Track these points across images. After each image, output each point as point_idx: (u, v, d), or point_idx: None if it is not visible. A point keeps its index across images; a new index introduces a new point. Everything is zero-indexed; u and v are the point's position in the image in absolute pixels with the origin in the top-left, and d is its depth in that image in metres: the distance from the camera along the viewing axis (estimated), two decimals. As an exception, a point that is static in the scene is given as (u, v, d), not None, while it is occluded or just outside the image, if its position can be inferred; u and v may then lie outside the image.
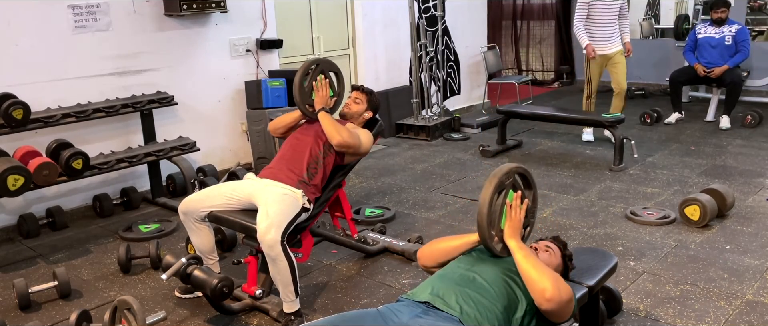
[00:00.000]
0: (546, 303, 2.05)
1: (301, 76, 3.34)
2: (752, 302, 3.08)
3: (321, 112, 3.34)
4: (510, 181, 2.24)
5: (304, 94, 3.37)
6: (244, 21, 5.44)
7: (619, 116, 5.40)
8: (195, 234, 3.22)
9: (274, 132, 3.55)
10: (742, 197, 4.53)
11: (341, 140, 3.26)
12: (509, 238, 2.22)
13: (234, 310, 3.07)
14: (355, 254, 3.79)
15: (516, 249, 2.19)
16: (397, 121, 6.86)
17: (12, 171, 3.61)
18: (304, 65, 3.39)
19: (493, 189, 2.18)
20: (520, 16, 10.10)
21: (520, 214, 2.24)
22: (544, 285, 2.05)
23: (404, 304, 2.11)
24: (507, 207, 2.23)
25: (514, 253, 2.18)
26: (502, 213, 2.23)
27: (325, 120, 3.31)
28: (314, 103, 3.38)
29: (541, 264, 2.15)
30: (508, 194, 2.24)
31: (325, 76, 3.41)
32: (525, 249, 2.20)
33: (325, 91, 3.37)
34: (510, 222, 2.23)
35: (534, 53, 10.22)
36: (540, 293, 2.05)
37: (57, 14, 4.37)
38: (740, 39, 6.54)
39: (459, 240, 2.38)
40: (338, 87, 3.53)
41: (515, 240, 2.21)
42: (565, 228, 4.11)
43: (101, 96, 4.62)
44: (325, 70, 3.43)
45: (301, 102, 3.37)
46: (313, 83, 3.37)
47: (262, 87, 5.21)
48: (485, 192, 2.18)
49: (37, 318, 3.17)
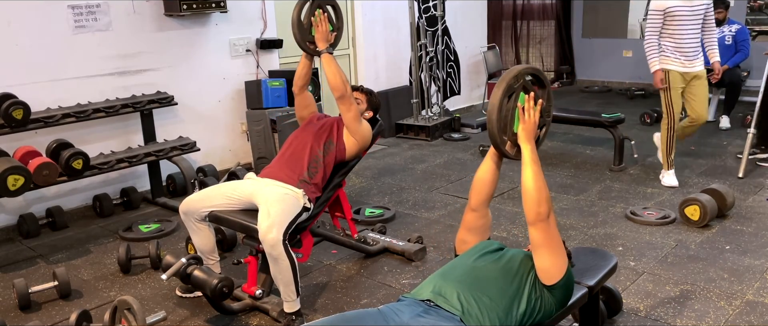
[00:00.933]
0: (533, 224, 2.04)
1: (298, 11, 3.22)
2: (752, 302, 3.08)
3: (325, 54, 3.25)
4: (520, 84, 2.16)
5: (304, 30, 3.26)
6: (244, 21, 5.44)
7: (619, 116, 5.40)
8: (196, 234, 3.22)
9: (295, 87, 3.46)
10: (742, 197, 4.53)
11: (344, 90, 3.19)
12: (524, 143, 2.16)
13: (234, 310, 3.07)
14: (355, 254, 3.79)
15: (528, 160, 2.12)
16: (397, 121, 6.86)
17: (12, 171, 3.61)
18: (299, 2, 3.24)
19: (501, 94, 2.10)
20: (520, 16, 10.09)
21: (535, 116, 2.16)
22: (541, 208, 2.03)
23: (405, 303, 2.11)
24: (519, 110, 2.16)
25: (524, 163, 2.12)
26: (514, 117, 2.15)
27: (329, 65, 3.22)
28: (316, 40, 3.28)
29: (545, 187, 2.10)
30: (520, 97, 2.16)
31: (322, 10, 3.29)
32: (537, 162, 2.13)
33: (324, 25, 3.27)
34: (523, 125, 2.16)
35: (534, 53, 10.22)
36: (534, 206, 2.03)
37: (57, 14, 4.37)
38: (740, 39, 6.55)
39: (483, 164, 2.32)
40: (337, 20, 3.40)
41: (530, 146, 2.15)
42: (565, 228, 4.11)
43: (101, 96, 4.62)
44: (322, 4, 3.30)
45: (302, 39, 3.27)
46: (311, 19, 3.26)
47: (262, 87, 5.20)
48: (494, 97, 2.11)
49: (37, 318, 3.16)
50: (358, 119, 3.33)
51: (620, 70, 9.38)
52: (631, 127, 6.68)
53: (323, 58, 3.27)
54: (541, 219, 2.05)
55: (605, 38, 9.52)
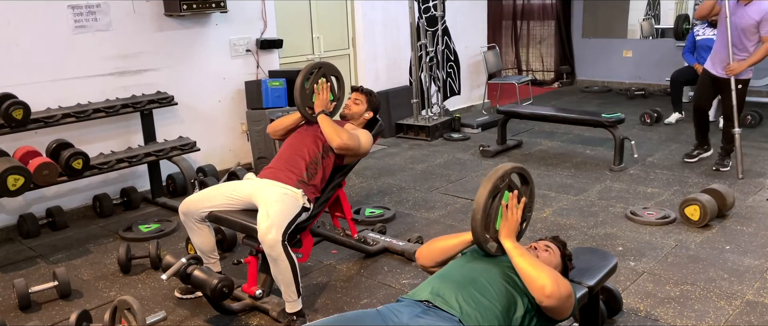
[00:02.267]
0: (546, 300, 2.05)
1: (302, 78, 3.36)
2: (752, 302, 3.08)
3: (321, 114, 3.35)
4: (505, 184, 2.23)
5: (305, 96, 3.39)
6: (244, 21, 5.44)
7: (619, 116, 5.40)
8: (195, 234, 3.22)
9: (273, 134, 3.56)
10: (742, 197, 4.53)
11: (341, 143, 3.27)
12: (505, 239, 2.22)
13: (234, 310, 3.07)
14: (355, 254, 3.79)
15: (512, 250, 2.19)
16: (397, 121, 6.86)
17: (12, 171, 3.61)
18: (306, 68, 3.41)
19: (487, 194, 2.17)
20: (520, 16, 10.11)
21: (517, 215, 2.24)
22: (543, 281, 2.06)
23: (404, 304, 2.11)
24: (503, 208, 2.22)
25: (511, 254, 2.18)
26: (497, 215, 2.23)
27: (325, 123, 3.32)
28: (314, 106, 3.40)
29: (538, 261, 2.15)
30: (504, 195, 2.23)
31: (326, 80, 3.44)
32: (520, 248, 2.20)
33: (325, 94, 3.40)
34: (506, 223, 2.23)
35: (534, 53, 10.23)
36: (539, 290, 2.06)
37: (57, 14, 4.37)
38: None
39: (455, 239, 2.38)
40: (338, 91, 3.55)
41: (511, 241, 2.21)
42: (565, 228, 4.11)
43: (101, 96, 4.62)
44: (326, 73, 3.46)
45: (302, 104, 3.38)
46: (314, 86, 3.40)
47: (262, 87, 5.21)
48: (479, 197, 2.18)
49: (37, 318, 3.16)
50: (359, 149, 3.38)
51: (620, 70, 9.39)
52: (631, 127, 6.69)
53: (319, 118, 3.36)
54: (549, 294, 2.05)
55: (605, 38, 9.53)
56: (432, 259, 2.41)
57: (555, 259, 2.40)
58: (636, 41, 9.50)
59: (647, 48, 9.25)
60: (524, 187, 2.32)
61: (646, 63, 9.09)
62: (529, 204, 2.33)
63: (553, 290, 2.05)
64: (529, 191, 2.33)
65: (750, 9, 4.74)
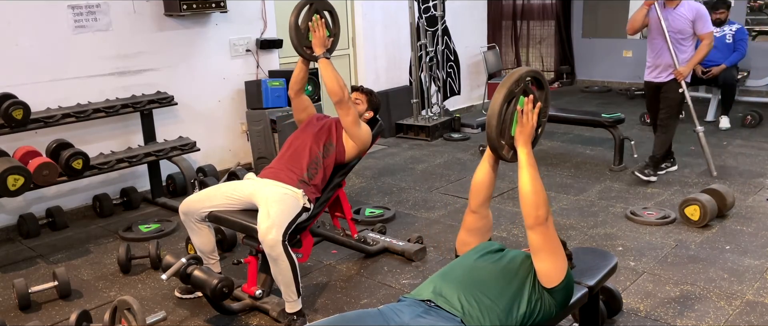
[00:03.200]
0: (532, 228, 2.04)
1: (295, 16, 3.23)
2: (752, 302, 3.08)
3: (321, 58, 3.26)
4: (520, 88, 2.15)
5: (301, 35, 3.27)
6: (244, 21, 5.44)
7: (619, 116, 5.40)
8: (195, 234, 3.22)
9: (291, 91, 3.47)
10: (742, 197, 4.53)
11: (342, 95, 3.19)
12: (520, 147, 2.16)
13: (234, 310, 3.07)
14: (355, 254, 3.79)
15: (524, 163, 2.12)
16: (397, 121, 6.86)
17: (12, 171, 3.61)
18: (297, 5, 3.26)
19: (502, 98, 2.11)
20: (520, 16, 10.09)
21: (533, 120, 2.17)
22: (539, 211, 2.04)
23: (405, 304, 2.11)
24: (518, 113, 2.15)
25: (521, 167, 2.13)
26: (513, 121, 2.16)
27: (326, 69, 3.23)
28: (312, 45, 3.29)
29: (542, 191, 2.09)
30: (519, 100, 2.16)
31: (320, 16, 3.31)
32: (534, 166, 2.13)
33: (321, 31, 3.28)
34: (521, 128, 2.16)
35: (534, 53, 10.22)
36: (533, 210, 2.04)
37: (57, 14, 4.37)
38: (737, 38, 6.59)
39: (480, 167, 2.33)
40: (334, 26, 3.41)
41: (526, 150, 2.15)
42: (565, 228, 4.11)
43: (101, 96, 4.62)
44: (319, 9, 3.32)
45: (299, 44, 3.27)
46: (309, 24, 3.27)
47: (262, 87, 5.20)
48: (494, 102, 2.12)
49: (37, 318, 3.16)
50: (356, 123, 3.32)
51: (620, 70, 9.38)
52: (631, 127, 6.68)
53: (320, 62, 3.27)
54: (539, 223, 2.04)
55: (605, 38, 9.52)
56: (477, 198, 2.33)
57: None
58: (636, 41, 9.48)
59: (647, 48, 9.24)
60: (540, 93, 2.25)
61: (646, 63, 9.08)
62: (544, 109, 2.27)
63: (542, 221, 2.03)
64: (544, 96, 2.25)
65: (680, 10, 4.77)
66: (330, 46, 3.35)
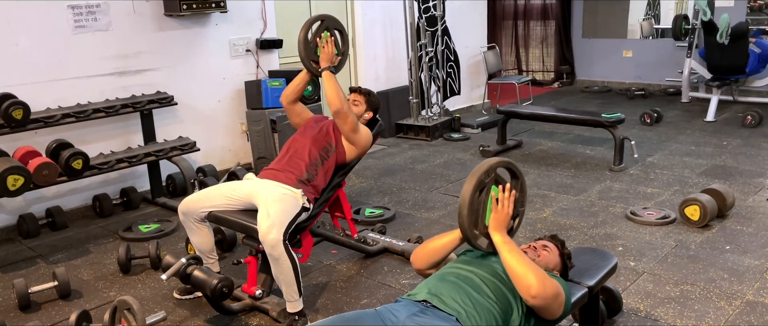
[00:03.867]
0: (532, 300, 2.03)
1: (306, 30, 3.26)
2: (752, 302, 3.08)
3: (326, 71, 3.28)
4: (491, 178, 2.18)
5: (309, 49, 3.30)
6: (244, 21, 5.44)
7: (619, 116, 5.40)
8: (195, 234, 3.21)
9: (285, 100, 3.49)
10: (742, 197, 4.53)
11: (341, 107, 3.20)
12: (494, 232, 2.18)
13: (234, 310, 3.07)
14: (355, 254, 3.79)
15: (501, 244, 2.14)
16: (397, 121, 6.86)
17: (12, 171, 3.61)
18: (308, 21, 3.30)
19: (472, 189, 2.12)
20: (520, 16, 10.10)
21: (508, 207, 2.19)
22: (529, 281, 2.03)
23: (402, 304, 2.11)
24: (492, 201, 2.18)
25: (499, 248, 2.14)
26: (486, 210, 2.18)
27: (329, 82, 3.24)
28: (319, 60, 3.31)
29: (526, 259, 2.11)
30: (493, 189, 2.18)
31: (330, 34, 3.34)
32: (510, 243, 2.15)
33: (330, 47, 3.30)
34: (495, 216, 2.18)
35: (534, 53, 10.22)
36: (526, 289, 2.03)
37: (57, 14, 4.37)
38: None
39: (446, 237, 2.33)
40: (343, 45, 3.44)
41: (500, 235, 2.17)
42: (565, 228, 4.11)
43: (101, 96, 4.62)
44: (330, 27, 3.35)
45: (306, 57, 3.29)
46: (317, 40, 3.30)
47: (262, 87, 5.20)
48: (464, 192, 2.13)
49: (37, 318, 3.16)
50: (355, 130, 3.33)
51: (620, 70, 9.38)
52: (631, 127, 6.68)
53: (324, 75, 3.29)
54: (536, 293, 2.02)
55: (605, 38, 9.52)
56: (426, 261, 2.37)
57: (554, 258, 2.39)
58: (636, 41, 9.50)
59: (647, 48, 9.25)
60: (514, 181, 2.26)
61: (646, 63, 9.09)
62: (520, 199, 2.27)
63: (539, 290, 2.02)
64: (519, 185, 2.27)
65: None
66: (337, 63, 3.38)
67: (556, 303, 2.09)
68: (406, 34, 6.58)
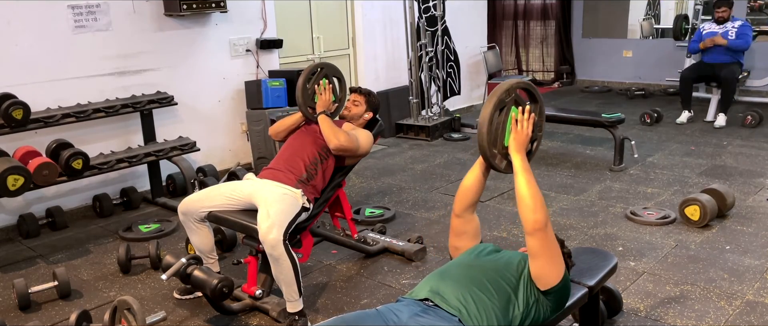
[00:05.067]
0: (531, 233, 2.02)
1: (305, 78, 3.39)
2: (752, 302, 3.08)
3: (321, 115, 3.36)
4: (511, 98, 2.14)
5: (307, 96, 3.42)
6: (244, 21, 5.44)
7: (619, 116, 5.40)
8: (194, 234, 3.21)
9: (275, 135, 3.58)
10: (742, 197, 4.53)
11: (338, 144, 3.28)
12: (515, 153, 2.14)
13: (234, 310, 3.07)
14: (355, 254, 3.79)
15: (519, 169, 2.10)
16: (397, 121, 6.86)
17: (12, 171, 3.61)
18: (308, 68, 3.44)
19: (492, 108, 2.09)
20: (520, 16, 10.10)
21: (527, 128, 2.16)
22: (537, 215, 2.01)
23: (403, 304, 2.11)
24: (511, 122, 2.14)
25: (517, 170, 2.11)
26: (505, 131, 2.15)
27: (325, 123, 3.33)
28: (316, 107, 3.41)
29: (539, 194, 2.07)
30: (512, 110, 2.15)
31: (328, 81, 3.45)
32: (529, 171, 2.11)
33: (327, 95, 3.42)
34: (515, 136, 2.14)
35: (534, 53, 10.22)
36: (531, 222, 2.01)
37: (57, 14, 4.37)
38: (741, 32, 6.58)
39: (471, 172, 2.29)
40: (340, 92, 3.58)
41: (520, 156, 2.13)
42: (565, 228, 4.11)
43: (101, 96, 4.62)
44: (328, 74, 3.49)
45: (303, 103, 3.41)
46: (315, 86, 3.42)
47: (262, 87, 5.21)
48: (485, 111, 2.09)
49: (37, 318, 3.16)
50: (358, 149, 3.39)
51: (620, 70, 9.39)
52: (631, 127, 6.68)
53: (319, 118, 3.36)
54: (538, 228, 2.02)
55: (605, 38, 9.52)
56: (462, 203, 2.31)
57: None
58: (636, 41, 9.50)
59: (647, 48, 9.25)
60: (533, 105, 2.22)
61: (646, 63, 9.09)
62: (538, 123, 2.25)
63: (541, 232, 2.01)
64: (538, 109, 2.23)
65: None
66: (333, 110, 3.49)
67: (553, 260, 2.07)
68: (406, 34, 6.59)
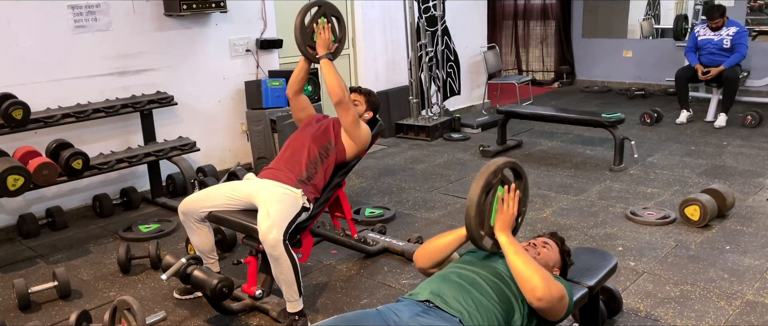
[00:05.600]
0: (537, 302, 2.04)
1: (302, 16, 3.25)
2: (752, 302, 3.08)
3: (324, 59, 3.26)
4: (498, 179, 2.20)
5: (306, 34, 3.28)
6: (244, 21, 5.44)
7: (619, 116, 5.40)
8: (194, 234, 3.21)
9: (290, 90, 3.47)
10: (742, 197, 4.53)
11: (343, 96, 3.19)
12: (500, 233, 2.19)
13: (234, 310, 3.07)
14: (355, 254, 3.79)
15: (507, 245, 2.15)
16: (397, 121, 6.86)
17: (12, 171, 3.61)
18: (305, 6, 3.28)
19: (480, 190, 2.14)
20: (520, 16, 10.11)
21: (513, 208, 2.22)
22: (535, 283, 2.04)
23: (404, 304, 2.11)
24: (498, 202, 2.20)
25: (505, 249, 2.15)
26: (492, 211, 2.21)
27: (328, 69, 3.23)
28: (316, 46, 3.30)
29: (532, 261, 2.11)
30: (499, 189, 2.21)
31: (327, 20, 3.32)
32: (516, 244, 2.16)
33: (327, 33, 3.29)
34: (501, 216, 2.20)
35: (534, 53, 10.23)
36: (531, 291, 2.04)
37: (57, 14, 4.37)
38: (736, 41, 6.58)
39: (450, 235, 2.34)
40: (340, 31, 3.43)
41: (506, 235, 2.18)
42: (565, 228, 4.11)
43: (101, 96, 4.62)
44: (326, 13, 3.33)
45: (303, 43, 3.28)
46: (314, 26, 3.29)
47: (262, 87, 5.20)
48: (472, 193, 2.15)
49: (37, 318, 3.16)
50: (356, 123, 3.32)
51: (620, 70, 9.39)
52: (631, 127, 6.68)
53: (322, 63, 3.27)
54: (542, 295, 2.03)
55: (605, 38, 9.53)
56: (429, 260, 2.37)
57: (554, 256, 2.39)
58: (636, 41, 9.50)
59: (647, 48, 9.25)
60: (518, 182, 2.29)
61: (646, 63, 9.09)
62: (523, 199, 2.30)
63: (544, 293, 2.03)
64: (523, 185, 2.30)
65: None
66: (334, 50, 3.36)
67: (560, 305, 2.10)
68: (406, 34, 6.60)
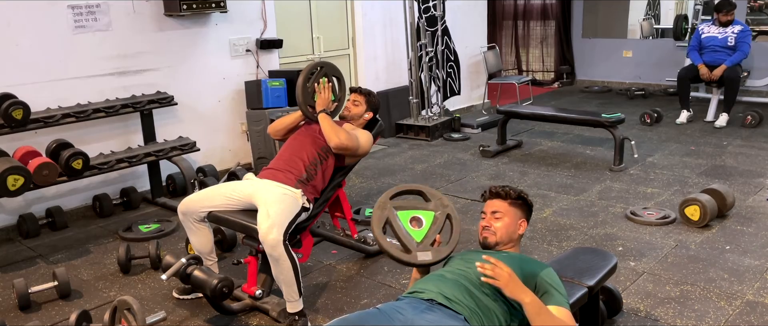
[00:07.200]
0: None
1: (305, 76, 3.40)
2: (752, 302, 3.08)
3: (321, 113, 3.36)
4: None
5: (307, 94, 3.42)
6: (244, 21, 5.44)
7: (619, 116, 5.40)
8: (194, 234, 3.21)
9: (274, 134, 3.58)
10: (742, 197, 4.53)
11: (339, 142, 3.28)
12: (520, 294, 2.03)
13: (234, 310, 3.07)
14: (355, 254, 3.79)
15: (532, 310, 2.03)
16: (397, 121, 6.86)
17: (12, 171, 3.61)
18: (307, 67, 3.44)
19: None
20: (520, 16, 10.11)
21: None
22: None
23: (406, 302, 2.11)
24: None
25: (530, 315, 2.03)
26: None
27: (325, 122, 3.33)
28: (316, 105, 3.41)
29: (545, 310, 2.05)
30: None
31: (328, 80, 3.46)
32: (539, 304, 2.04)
33: (327, 93, 3.42)
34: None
35: (534, 53, 10.23)
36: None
37: (57, 14, 4.37)
38: (740, 39, 6.57)
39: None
40: (340, 92, 3.58)
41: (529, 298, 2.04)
42: (565, 228, 4.11)
43: (101, 96, 4.62)
44: (328, 73, 3.50)
45: (303, 102, 3.41)
46: (315, 85, 3.43)
47: (262, 87, 5.21)
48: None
49: (37, 318, 3.16)
50: (358, 148, 3.40)
51: (620, 70, 9.39)
52: (631, 127, 6.68)
53: (320, 117, 3.37)
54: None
55: (605, 38, 9.53)
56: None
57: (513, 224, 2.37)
58: (636, 41, 9.50)
59: (647, 48, 9.25)
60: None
61: (646, 63, 9.09)
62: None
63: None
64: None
65: None
66: (333, 109, 3.50)
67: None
68: (406, 34, 6.60)
